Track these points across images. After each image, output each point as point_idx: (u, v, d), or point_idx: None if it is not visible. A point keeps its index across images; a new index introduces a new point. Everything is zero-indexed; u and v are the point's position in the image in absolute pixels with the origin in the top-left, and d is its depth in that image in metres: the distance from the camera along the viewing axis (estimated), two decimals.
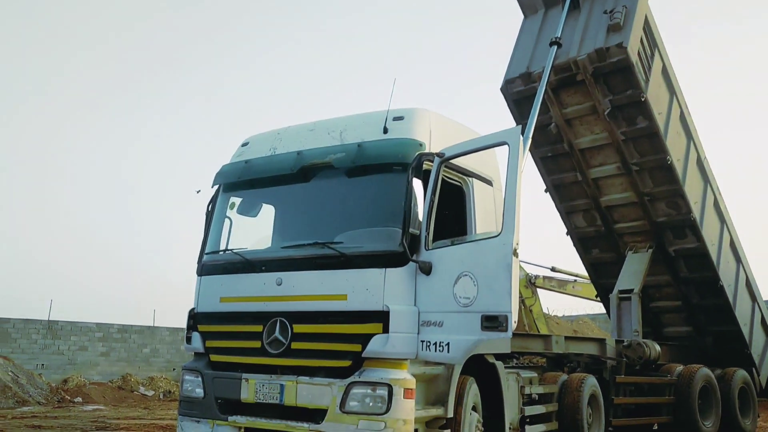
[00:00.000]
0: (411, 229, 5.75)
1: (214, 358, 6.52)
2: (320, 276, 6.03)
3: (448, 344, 5.54)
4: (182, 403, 6.63)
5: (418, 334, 5.75)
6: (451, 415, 5.99)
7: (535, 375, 8.24)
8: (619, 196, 11.56)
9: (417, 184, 5.98)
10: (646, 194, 11.25)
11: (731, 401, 10.83)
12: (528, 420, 7.64)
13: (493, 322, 5.26)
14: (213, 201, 7.22)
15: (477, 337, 5.39)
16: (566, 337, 9.60)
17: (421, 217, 5.94)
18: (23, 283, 36.73)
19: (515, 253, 5.23)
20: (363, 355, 5.69)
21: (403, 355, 5.68)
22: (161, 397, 20.21)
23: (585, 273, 19.14)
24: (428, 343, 5.67)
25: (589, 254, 12.55)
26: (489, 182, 7.07)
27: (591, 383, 8.88)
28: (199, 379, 6.47)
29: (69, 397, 17.80)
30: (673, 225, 11.31)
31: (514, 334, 7.96)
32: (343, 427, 5.59)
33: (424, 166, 6.06)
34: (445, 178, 6.27)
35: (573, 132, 11.39)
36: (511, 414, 7.19)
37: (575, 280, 18.36)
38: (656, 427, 10.57)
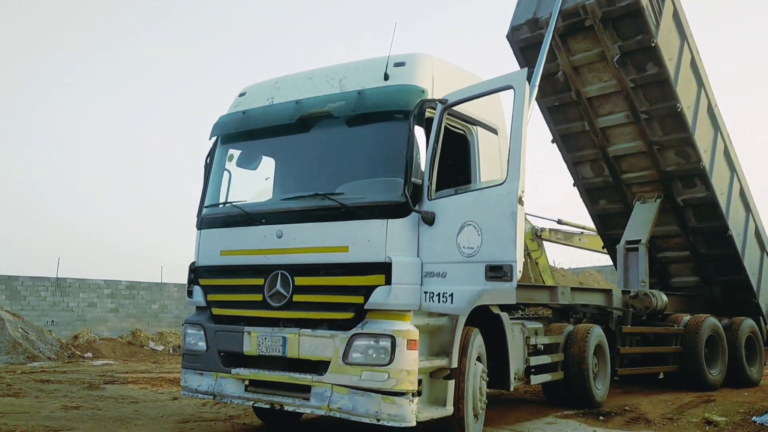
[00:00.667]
0: (413, 179, 5.59)
1: (215, 311, 6.45)
2: (321, 228, 5.91)
3: (451, 295, 5.43)
4: (185, 356, 6.60)
5: (421, 285, 5.65)
6: (455, 365, 5.93)
7: (541, 326, 8.18)
8: (627, 146, 11.32)
9: (419, 132, 5.79)
10: (655, 143, 11.01)
11: (738, 350, 10.79)
12: (533, 370, 7.61)
13: (497, 272, 5.14)
14: (211, 153, 7.05)
15: (481, 287, 5.28)
16: (572, 288, 9.52)
17: (423, 166, 5.77)
18: (30, 241, 36.99)
19: (520, 201, 5.07)
20: (365, 307, 5.60)
21: (406, 306, 5.59)
22: (170, 351, 20.43)
23: (591, 225, 19.08)
24: (431, 294, 5.56)
25: (596, 205, 12.38)
26: (494, 131, 6.87)
27: (597, 333, 8.83)
28: (202, 332, 6.43)
29: (79, 353, 18.00)
30: (682, 174, 11.09)
31: (520, 286, 7.88)
32: (346, 378, 5.54)
33: (427, 114, 5.86)
34: (449, 126, 6.07)
35: (581, 80, 11.10)
36: (516, 364, 7.15)
37: (582, 233, 18.19)
38: (662, 376, 10.57)
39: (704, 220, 11.27)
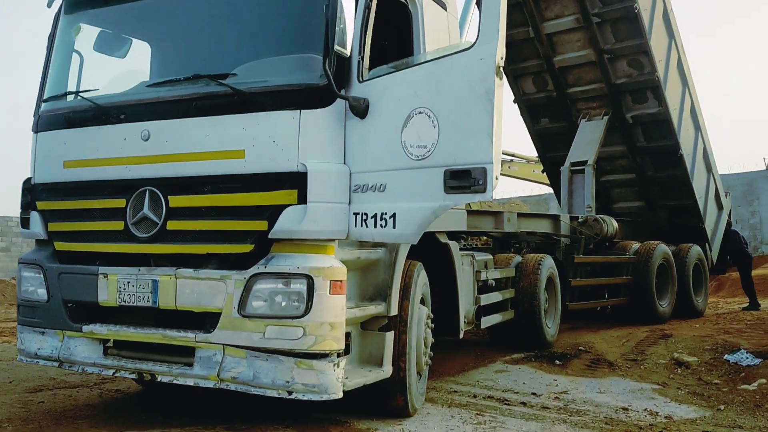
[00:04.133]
0: (337, 48, 3.71)
1: (59, 246, 4.48)
2: (205, 125, 4.01)
3: (393, 216, 3.70)
4: (21, 309, 4.62)
5: (349, 203, 3.90)
6: (395, 312, 4.30)
7: (491, 257, 6.65)
8: (575, 55, 9.81)
9: None
10: (606, 51, 9.52)
11: (686, 279, 9.73)
12: (484, 310, 6.10)
13: (463, 179, 3.39)
14: (54, 27, 4.91)
15: (438, 203, 3.54)
16: (518, 214, 8.03)
17: (350, 37, 3.92)
18: None
19: (499, 73, 3.32)
20: (270, 236, 3.81)
21: (328, 233, 3.84)
22: None
23: (520, 152, 17.83)
24: (364, 216, 3.82)
25: (538, 124, 10.89)
26: (442, 5, 5.06)
27: (549, 264, 7.43)
28: (41, 275, 4.46)
29: None
30: (633, 87, 9.70)
31: (466, 212, 6.28)
32: (243, 336, 3.78)
33: None
34: None
35: None
36: (466, 305, 5.61)
37: (511, 160, 16.94)
38: (609, 309, 9.40)
39: (654, 139, 10.00)
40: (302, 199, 3.76)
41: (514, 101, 10.71)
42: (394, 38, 4.62)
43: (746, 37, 55.30)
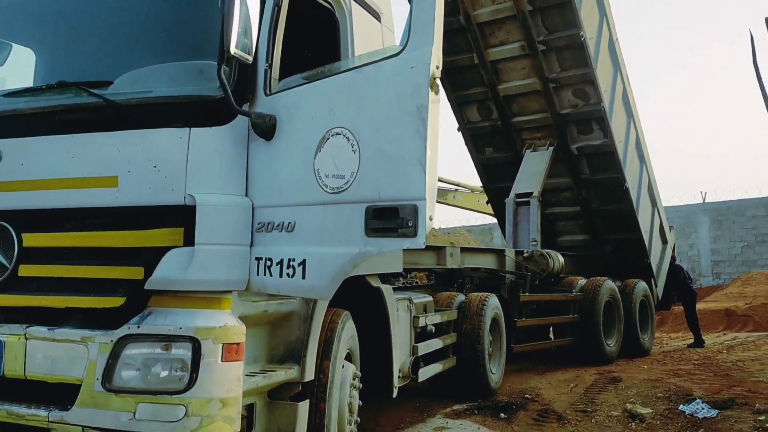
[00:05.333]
0: (238, 52, 2.90)
1: None
2: (71, 144, 3.13)
3: (303, 264, 2.88)
4: None
5: (251, 245, 3.07)
6: (310, 376, 3.47)
7: (430, 298, 5.89)
8: (520, 83, 9.30)
9: None
10: (551, 80, 9.04)
11: (632, 316, 9.23)
12: (422, 360, 5.31)
13: (389, 220, 2.59)
14: None
15: (357, 249, 2.74)
16: (462, 249, 7.35)
17: (256, 41, 3.14)
18: None
19: (434, 86, 2.57)
20: (147, 286, 2.94)
21: (222, 284, 3.00)
22: None
23: (465, 182, 17.30)
24: (269, 263, 3.00)
25: (482, 154, 10.31)
26: (376, 15, 4.35)
27: (493, 304, 6.73)
28: None
29: None
30: (579, 118, 9.24)
31: None
32: (108, 415, 2.87)
33: None
34: None
35: (471, 1, 8.86)
36: (401, 357, 4.81)
37: (456, 189, 16.36)
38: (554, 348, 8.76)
39: (599, 171, 9.54)
40: (189, 240, 2.92)
41: (458, 129, 10.14)
42: (318, 50, 3.87)
43: (679, 72, 57.27)
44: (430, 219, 2.49)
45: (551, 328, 8.62)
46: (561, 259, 8.50)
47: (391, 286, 5.07)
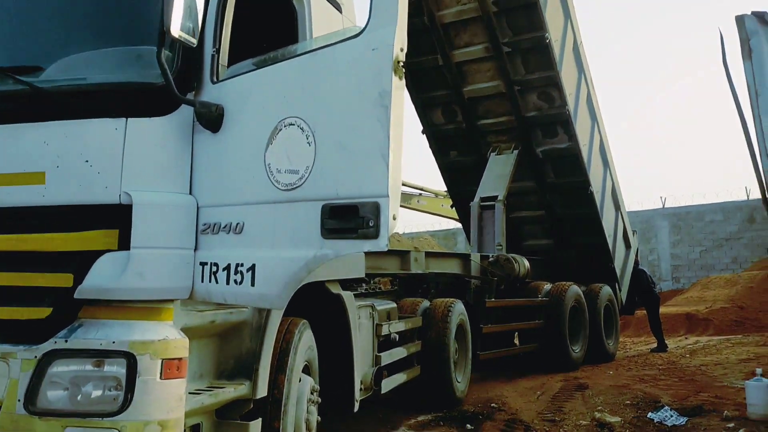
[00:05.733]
0: (181, 34, 2.59)
1: None
2: None
3: (252, 269, 2.59)
4: None
5: (195, 249, 2.76)
6: (263, 392, 3.17)
7: (394, 305, 5.63)
8: (485, 86, 9.16)
9: None
10: (516, 83, 8.92)
11: (598, 322, 9.13)
12: (385, 371, 5.04)
13: (348, 220, 2.31)
14: None
15: (313, 252, 2.44)
16: (427, 253, 7.12)
17: (202, 25, 2.84)
18: None
19: (398, 70, 2.30)
20: (77, 295, 2.61)
21: (162, 292, 2.68)
22: None
23: (430, 186, 17.16)
24: (214, 268, 2.69)
25: (447, 157, 10.13)
26: (337, 6, 4.08)
27: (459, 310, 6.51)
28: None
29: None
30: (543, 121, 9.14)
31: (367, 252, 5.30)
32: None
33: None
34: None
35: (435, 1, 8.70)
36: (363, 367, 4.54)
37: (420, 194, 16.19)
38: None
39: (564, 175, 9.45)
40: (125, 244, 2.60)
41: (423, 132, 9.94)
42: (274, 41, 3.58)
43: (639, 76, 58.13)
44: (394, 218, 2.23)
45: (517, 334, 8.44)
46: (526, 263, 8.34)
47: (352, 292, 4.81)
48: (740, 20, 4.55)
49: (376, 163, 2.22)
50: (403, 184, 16.21)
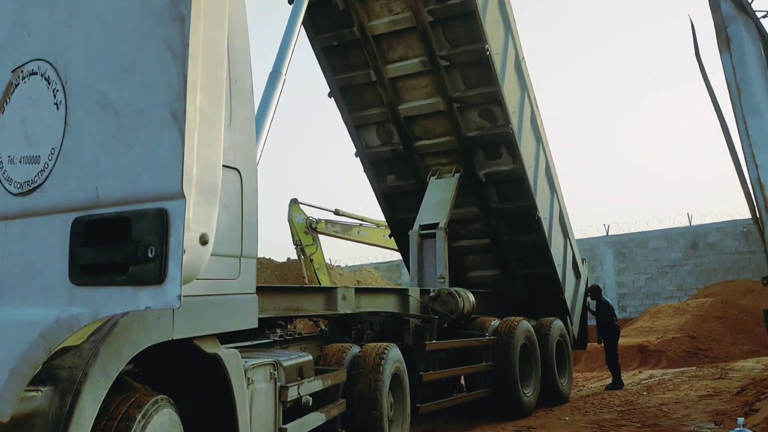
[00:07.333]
0: None
1: None
2: None
3: None
4: None
5: None
6: None
7: (308, 359, 4.42)
8: (422, 103, 8.27)
9: None
10: (456, 99, 8.06)
11: (550, 360, 8.16)
12: None
13: (111, 248, 1.10)
14: None
15: (54, 312, 1.22)
16: (357, 290, 6.00)
17: None
18: None
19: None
20: None
21: None
22: None
23: (371, 217, 16.11)
24: None
25: (383, 182, 9.14)
26: None
27: (394, 357, 5.41)
28: None
29: None
30: (486, 141, 8.29)
31: (281, 289, 4.34)
32: None
33: None
34: None
35: (365, 10, 7.81)
36: None
37: (360, 224, 15.12)
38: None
39: (509, 200, 8.58)
40: None
41: (356, 155, 8.93)
42: None
43: (575, 104, 58.22)
44: (203, 244, 1.12)
45: (462, 378, 7.37)
46: (471, 298, 7.33)
47: (257, 341, 3.68)
48: (715, 4, 3.75)
49: (165, 130, 1.11)
50: (343, 215, 15.13)
